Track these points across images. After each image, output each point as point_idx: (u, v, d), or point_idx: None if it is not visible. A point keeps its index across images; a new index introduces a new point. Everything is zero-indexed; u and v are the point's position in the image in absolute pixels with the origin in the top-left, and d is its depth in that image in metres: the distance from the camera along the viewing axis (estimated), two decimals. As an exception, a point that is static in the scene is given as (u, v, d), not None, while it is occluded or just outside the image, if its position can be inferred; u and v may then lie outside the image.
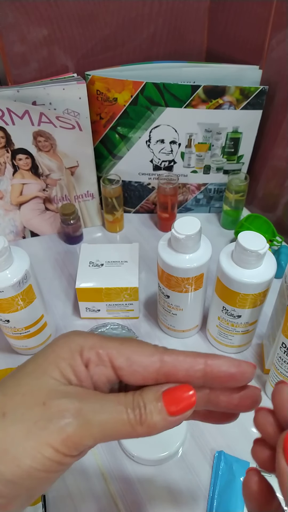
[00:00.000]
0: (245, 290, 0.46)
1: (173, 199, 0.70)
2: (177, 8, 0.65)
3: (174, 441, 0.47)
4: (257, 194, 0.74)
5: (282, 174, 0.67)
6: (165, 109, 0.64)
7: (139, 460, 0.46)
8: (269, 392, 0.51)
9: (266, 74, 0.62)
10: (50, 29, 0.61)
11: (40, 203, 0.70)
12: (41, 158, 0.65)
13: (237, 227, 0.69)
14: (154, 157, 0.70)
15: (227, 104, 0.63)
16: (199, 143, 0.68)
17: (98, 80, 0.62)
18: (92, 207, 0.74)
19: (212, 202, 0.76)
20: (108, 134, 0.68)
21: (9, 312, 0.49)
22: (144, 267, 0.67)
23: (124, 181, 0.73)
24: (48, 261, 0.70)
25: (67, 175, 0.68)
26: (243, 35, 0.64)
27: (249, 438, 0.49)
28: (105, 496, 0.45)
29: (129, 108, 0.64)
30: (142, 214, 0.78)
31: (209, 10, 0.67)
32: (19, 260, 0.48)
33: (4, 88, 0.58)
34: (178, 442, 0.47)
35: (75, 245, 0.73)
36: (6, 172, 0.65)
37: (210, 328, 0.56)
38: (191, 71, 0.63)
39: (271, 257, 0.48)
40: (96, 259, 0.59)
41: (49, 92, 0.58)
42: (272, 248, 0.65)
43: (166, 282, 0.50)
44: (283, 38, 0.58)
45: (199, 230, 0.46)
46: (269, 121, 0.66)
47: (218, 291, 0.50)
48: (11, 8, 0.57)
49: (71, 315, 0.62)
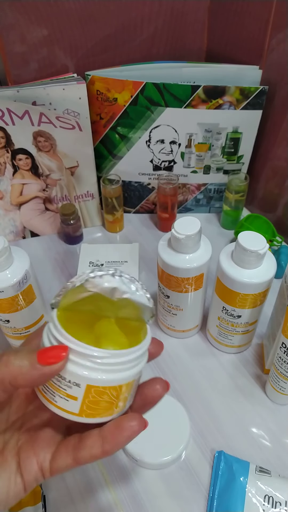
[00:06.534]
0: (245, 290, 0.46)
1: (173, 199, 0.70)
2: (177, 8, 0.65)
3: (177, 444, 0.47)
4: (257, 194, 0.74)
5: (282, 174, 0.67)
6: (165, 109, 0.64)
7: (142, 464, 0.46)
8: (269, 392, 0.51)
9: (266, 74, 0.62)
10: (50, 29, 0.61)
11: (40, 203, 0.70)
12: (41, 158, 0.65)
13: (237, 227, 0.69)
14: (154, 157, 0.70)
15: (227, 104, 0.63)
16: (199, 143, 0.68)
17: (98, 80, 0.62)
18: (92, 207, 0.74)
19: (212, 202, 0.76)
20: (108, 134, 0.68)
21: (9, 312, 0.49)
22: (144, 267, 0.67)
23: (124, 181, 0.73)
24: (48, 261, 0.70)
25: (67, 175, 0.68)
26: (243, 35, 0.64)
27: (249, 438, 0.49)
28: (105, 496, 0.45)
29: (129, 108, 0.64)
30: (142, 214, 0.78)
31: (209, 10, 0.67)
32: (19, 260, 0.48)
33: (4, 88, 0.58)
34: (181, 445, 0.47)
35: (75, 245, 0.73)
36: (6, 172, 0.65)
37: (210, 328, 0.56)
38: (191, 71, 0.63)
39: (271, 257, 0.48)
40: (96, 259, 0.59)
41: (49, 92, 0.58)
42: (272, 248, 0.65)
43: (166, 282, 0.50)
44: (283, 38, 0.58)
45: (199, 230, 0.46)
46: (269, 121, 0.66)
47: (218, 291, 0.50)
48: (11, 8, 0.57)
49: (71, 315, 0.62)
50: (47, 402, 0.28)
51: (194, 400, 0.52)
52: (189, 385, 0.53)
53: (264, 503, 0.41)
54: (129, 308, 0.29)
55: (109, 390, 0.27)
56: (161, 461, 0.46)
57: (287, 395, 0.49)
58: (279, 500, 0.41)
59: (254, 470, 0.44)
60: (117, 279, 0.28)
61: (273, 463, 0.46)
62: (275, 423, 0.50)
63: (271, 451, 0.47)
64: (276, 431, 0.49)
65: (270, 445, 0.48)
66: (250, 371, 0.55)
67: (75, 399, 0.27)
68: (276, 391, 0.49)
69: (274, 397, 0.51)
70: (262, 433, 0.49)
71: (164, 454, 0.46)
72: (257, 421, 0.50)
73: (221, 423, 0.50)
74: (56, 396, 0.27)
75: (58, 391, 0.27)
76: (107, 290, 0.28)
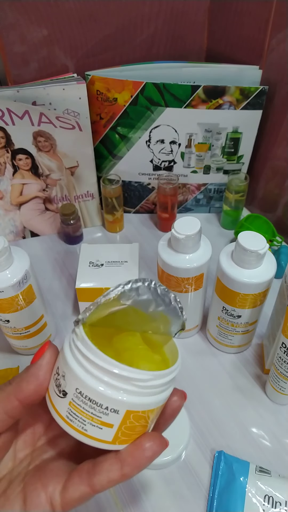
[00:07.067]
0: (245, 290, 0.46)
1: (173, 199, 0.70)
2: (177, 8, 0.65)
3: (177, 444, 0.47)
4: (257, 194, 0.74)
5: (282, 174, 0.67)
6: (165, 109, 0.64)
7: None
8: (269, 392, 0.51)
9: (266, 74, 0.62)
10: (50, 29, 0.61)
11: (40, 203, 0.70)
12: (41, 158, 0.65)
13: (237, 227, 0.69)
14: (154, 157, 0.70)
15: (227, 104, 0.63)
16: (199, 143, 0.68)
17: (98, 80, 0.62)
18: (92, 207, 0.74)
19: (212, 202, 0.76)
20: (108, 134, 0.68)
21: (9, 312, 0.49)
22: (144, 267, 0.67)
23: (124, 181, 0.73)
24: (48, 261, 0.70)
25: (67, 175, 0.68)
26: (243, 35, 0.64)
27: (249, 438, 0.49)
28: (105, 496, 0.45)
29: (129, 108, 0.64)
30: (142, 214, 0.78)
31: (209, 10, 0.67)
32: (19, 260, 0.48)
33: (4, 88, 0.58)
34: (181, 445, 0.47)
35: (75, 245, 0.73)
36: (6, 172, 0.65)
37: (210, 328, 0.56)
38: (191, 71, 0.63)
39: (271, 257, 0.48)
40: (96, 259, 0.59)
41: (49, 92, 0.58)
42: (272, 248, 0.65)
43: (166, 282, 0.50)
44: (283, 38, 0.58)
45: (199, 230, 0.46)
46: (269, 121, 0.66)
47: (218, 291, 0.50)
48: (11, 8, 0.57)
49: (71, 315, 0.62)
50: (75, 431, 0.25)
51: (194, 400, 0.52)
52: (189, 385, 0.53)
53: (264, 503, 0.41)
54: (159, 321, 0.28)
55: (147, 414, 0.26)
56: (161, 461, 0.46)
57: (287, 395, 0.49)
58: (279, 500, 0.41)
59: (254, 470, 0.44)
60: (152, 291, 0.26)
61: (273, 463, 0.46)
62: (275, 423, 0.50)
63: (271, 451, 0.47)
64: (276, 431, 0.49)
65: (270, 445, 0.48)
66: (250, 371, 0.55)
67: (110, 426, 0.25)
68: (276, 391, 0.49)
69: (274, 397, 0.51)
70: (262, 433, 0.49)
71: (164, 454, 0.45)
72: (257, 421, 0.50)
73: (221, 423, 0.50)
74: (87, 425, 0.25)
75: (90, 419, 0.25)
76: (141, 303, 0.26)
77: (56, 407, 0.26)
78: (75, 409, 0.25)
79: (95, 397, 0.24)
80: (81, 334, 0.25)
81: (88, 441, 0.25)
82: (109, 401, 0.24)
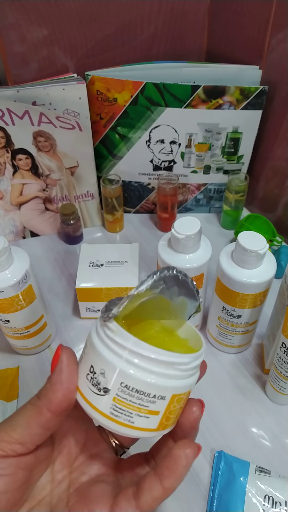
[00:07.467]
0: (245, 290, 0.46)
1: (173, 199, 0.70)
2: (177, 8, 0.65)
3: None
4: (257, 194, 0.74)
5: (282, 174, 0.67)
6: (165, 109, 0.64)
7: None
8: (269, 392, 0.51)
9: (266, 74, 0.62)
10: (50, 29, 0.61)
11: (40, 203, 0.70)
12: (41, 158, 0.65)
13: (237, 227, 0.69)
14: (154, 157, 0.70)
15: (227, 104, 0.63)
16: (199, 143, 0.68)
17: (98, 80, 0.62)
18: (92, 207, 0.74)
19: (212, 202, 0.76)
20: (108, 134, 0.68)
21: (9, 312, 0.49)
22: (144, 267, 0.67)
23: (124, 181, 0.73)
24: (48, 261, 0.70)
25: (67, 175, 0.68)
26: (243, 35, 0.64)
27: (249, 438, 0.49)
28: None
29: (129, 108, 0.64)
30: (142, 214, 0.78)
31: (209, 10, 0.67)
32: (19, 260, 0.48)
33: (4, 88, 0.58)
34: None
35: (75, 245, 0.73)
36: (6, 172, 0.65)
37: (210, 328, 0.56)
38: (191, 71, 0.63)
39: (271, 257, 0.48)
40: (96, 259, 0.59)
41: (49, 92, 0.58)
42: (272, 248, 0.65)
43: (166, 282, 0.50)
44: (283, 38, 0.58)
45: (199, 230, 0.46)
46: (269, 121, 0.66)
47: (218, 291, 0.50)
48: (11, 8, 0.57)
49: (71, 315, 0.62)
50: (120, 426, 0.25)
51: (194, 400, 0.52)
52: (189, 385, 0.53)
53: (264, 503, 0.41)
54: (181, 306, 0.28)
55: (186, 395, 0.26)
56: None
57: (287, 395, 0.49)
58: (279, 500, 0.41)
59: (254, 470, 0.44)
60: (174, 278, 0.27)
61: (273, 463, 0.46)
62: (275, 423, 0.50)
63: (271, 451, 0.47)
64: (276, 431, 0.49)
65: (270, 445, 0.48)
66: (250, 371, 0.55)
67: (156, 413, 0.25)
68: (276, 391, 0.49)
69: (274, 397, 0.51)
70: (262, 433, 0.49)
71: None
72: (257, 421, 0.50)
73: (221, 423, 0.50)
74: (134, 417, 0.25)
75: (138, 410, 0.25)
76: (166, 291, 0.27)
77: (96, 406, 0.26)
78: (120, 404, 0.25)
79: (142, 388, 0.24)
80: (117, 328, 0.25)
81: (135, 433, 0.25)
82: (157, 389, 0.24)
